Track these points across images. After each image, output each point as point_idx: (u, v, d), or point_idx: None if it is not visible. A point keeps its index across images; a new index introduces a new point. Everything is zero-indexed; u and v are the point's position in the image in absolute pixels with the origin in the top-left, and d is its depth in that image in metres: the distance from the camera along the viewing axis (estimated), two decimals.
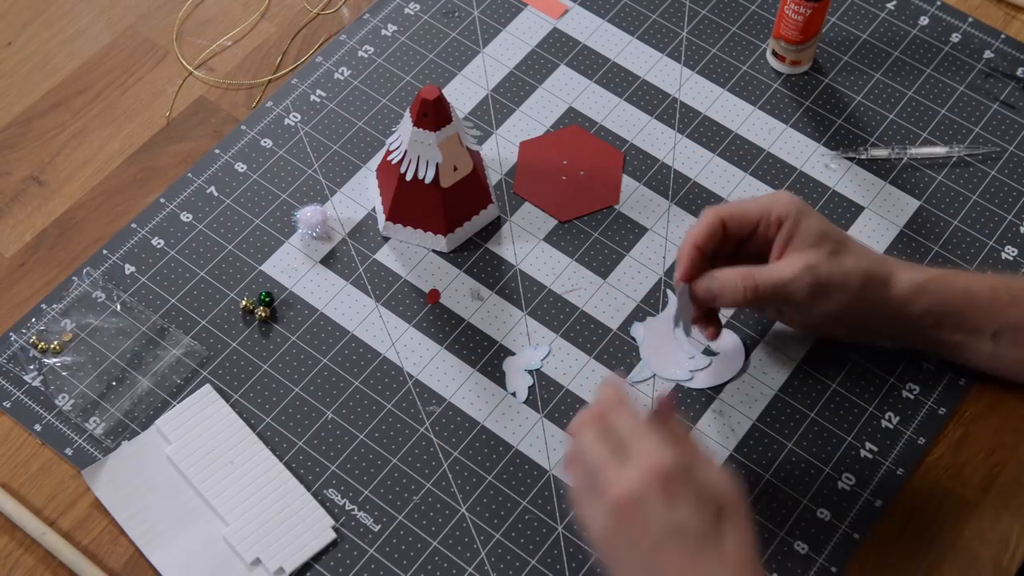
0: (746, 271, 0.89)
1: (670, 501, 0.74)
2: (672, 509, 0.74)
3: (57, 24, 1.16)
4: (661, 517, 0.74)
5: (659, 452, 0.75)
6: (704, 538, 0.74)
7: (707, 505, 0.75)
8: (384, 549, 0.92)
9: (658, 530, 0.74)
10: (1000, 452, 0.96)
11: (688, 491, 0.74)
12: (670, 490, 0.74)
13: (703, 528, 0.74)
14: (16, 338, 0.99)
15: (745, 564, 0.75)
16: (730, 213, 0.90)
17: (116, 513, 0.92)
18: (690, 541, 0.74)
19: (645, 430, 0.77)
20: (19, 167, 1.08)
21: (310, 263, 1.03)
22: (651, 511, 0.74)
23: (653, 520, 0.74)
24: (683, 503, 0.74)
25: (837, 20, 1.16)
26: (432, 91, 0.94)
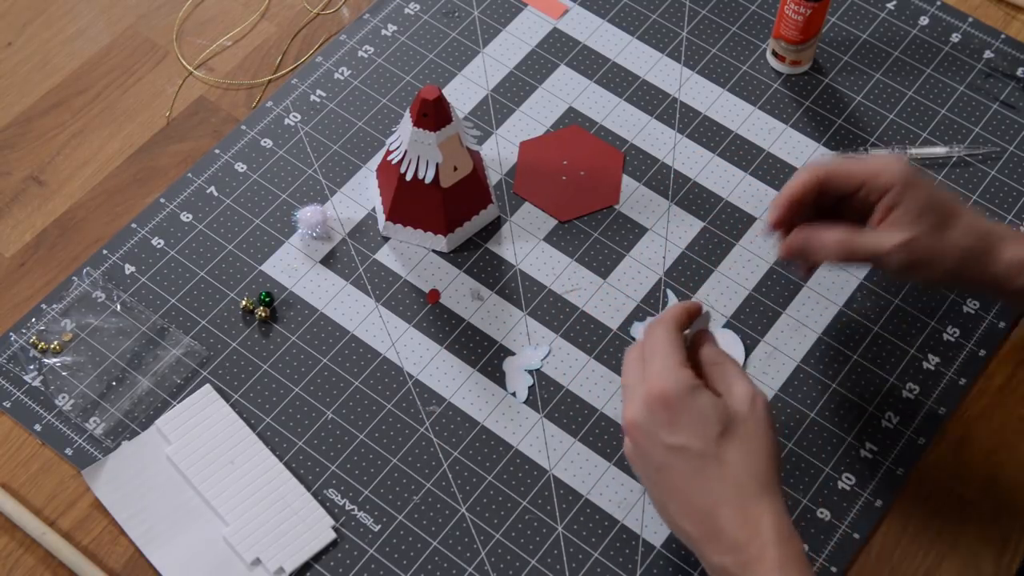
0: (844, 238, 0.88)
1: (670, 423, 0.79)
2: (672, 431, 0.79)
3: (57, 24, 1.16)
4: (662, 437, 0.79)
5: (664, 376, 0.80)
6: (703, 457, 0.78)
7: (707, 426, 0.79)
8: (384, 549, 0.92)
9: (660, 448, 0.79)
10: (1000, 452, 0.96)
11: (688, 414, 0.79)
12: (671, 412, 0.79)
13: (703, 448, 0.78)
14: (16, 338, 0.99)
15: (750, 477, 0.78)
16: (833, 173, 0.90)
17: (116, 513, 0.92)
18: (691, 459, 0.78)
19: (663, 352, 0.82)
20: (19, 167, 1.08)
21: (310, 263, 1.03)
22: (653, 432, 0.80)
23: (655, 440, 0.80)
24: (683, 425, 0.79)
25: (837, 20, 1.16)
26: (432, 91, 0.94)
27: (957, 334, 1.00)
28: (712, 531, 0.78)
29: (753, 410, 0.80)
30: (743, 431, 0.80)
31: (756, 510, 0.77)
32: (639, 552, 0.91)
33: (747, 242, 1.04)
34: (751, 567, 0.76)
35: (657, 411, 0.80)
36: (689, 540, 0.80)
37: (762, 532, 0.77)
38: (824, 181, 0.89)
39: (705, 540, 0.78)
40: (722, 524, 0.77)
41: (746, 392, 0.81)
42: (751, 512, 0.77)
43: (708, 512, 0.78)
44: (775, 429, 0.81)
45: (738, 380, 0.82)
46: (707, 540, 0.78)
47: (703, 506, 0.78)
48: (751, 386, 0.81)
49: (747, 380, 0.82)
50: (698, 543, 0.79)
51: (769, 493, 0.78)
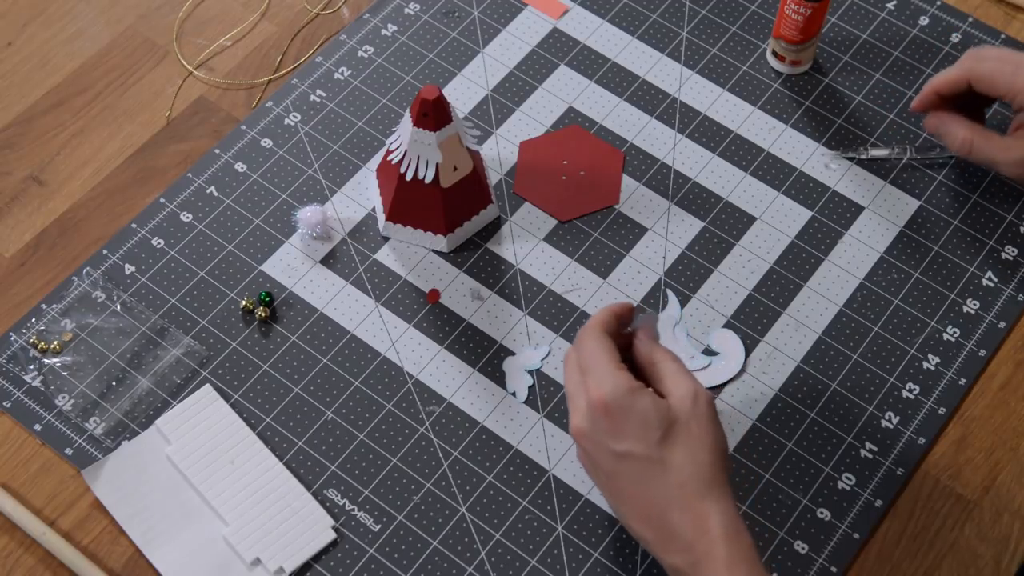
0: (969, 135, 0.99)
1: (613, 431, 0.80)
2: (616, 438, 0.79)
3: (57, 24, 1.16)
4: (608, 444, 0.80)
5: (602, 383, 0.80)
6: (648, 461, 0.79)
7: (649, 430, 0.79)
8: (384, 549, 0.92)
9: (609, 458, 0.80)
10: (1000, 452, 0.96)
11: (630, 420, 0.79)
12: (613, 420, 0.80)
13: (646, 452, 0.79)
14: (16, 338, 0.99)
15: (695, 477, 0.78)
16: (979, 77, 0.98)
17: (116, 513, 0.92)
18: (637, 464, 0.79)
19: (597, 359, 0.82)
20: (19, 167, 1.08)
21: (310, 263, 1.03)
22: (600, 441, 0.80)
23: (602, 448, 0.80)
24: (626, 432, 0.79)
25: (837, 20, 1.16)
26: (432, 91, 0.94)
27: (957, 334, 1.00)
28: (664, 533, 0.79)
29: (695, 407, 0.80)
30: (685, 431, 0.80)
31: (703, 509, 0.78)
32: (639, 552, 0.91)
33: (747, 242, 1.04)
34: (701, 566, 0.77)
35: (599, 419, 0.80)
36: (644, 543, 0.81)
37: (710, 530, 0.77)
38: (973, 82, 0.98)
39: (658, 542, 0.79)
40: (672, 526, 0.78)
41: (687, 390, 0.81)
42: (698, 511, 0.78)
43: (658, 515, 0.79)
44: (719, 425, 0.81)
45: (678, 378, 0.82)
46: (660, 542, 0.79)
47: (652, 510, 0.79)
48: (692, 383, 0.81)
49: (688, 377, 0.82)
50: (652, 545, 0.80)
51: (715, 491, 0.79)
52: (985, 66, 0.99)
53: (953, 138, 1.01)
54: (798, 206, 1.06)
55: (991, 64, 0.98)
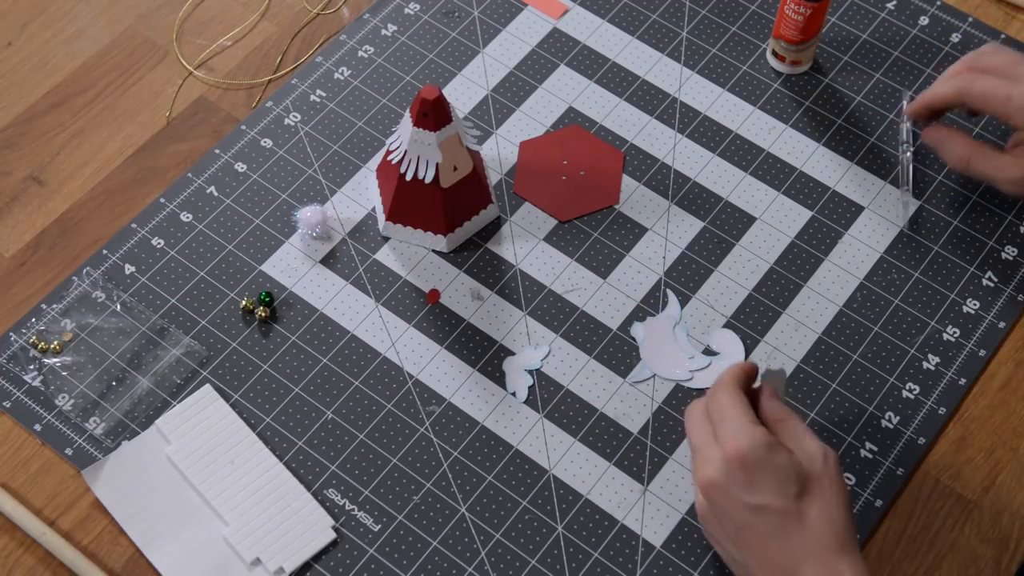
0: (967, 152, 0.99)
1: (749, 483, 0.80)
2: (751, 491, 0.79)
3: (57, 24, 1.16)
4: (742, 497, 0.80)
5: (739, 436, 0.81)
6: (784, 516, 0.79)
7: (786, 485, 0.80)
8: (384, 549, 0.92)
9: (741, 510, 0.80)
10: (1000, 452, 0.96)
11: (767, 473, 0.79)
12: (749, 473, 0.80)
13: (783, 507, 0.79)
14: (16, 338, 0.99)
15: (830, 533, 0.79)
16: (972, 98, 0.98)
17: (116, 513, 0.92)
18: (771, 519, 0.79)
19: (733, 413, 0.82)
20: (19, 167, 1.08)
21: (310, 263, 1.03)
22: (733, 493, 0.80)
23: (735, 500, 0.80)
24: (762, 485, 0.79)
25: (837, 20, 1.16)
26: (432, 91, 0.94)
27: (957, 334, 1.00)
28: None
29: (826, 466, 0.81)
30: (819, 488, 0.80)
31: (838, 566, 0.78)
32: (639, 552, 0.91)
33: (747, 242, 1.04)
34: None
35: (735, 471, 0.80)
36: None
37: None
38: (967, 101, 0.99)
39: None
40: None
41: (817, 449, 0.82)
42: (834, 567, 0.78)
43: (790, 569, 0.79)
44: (846, 486, 0.82)
45: (807, 437, 0.83)
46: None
47: (785, 563, 0.79)
48: (820, 442, 0.82)
49: (815, 436, 0.83)
50: None
51: (849, 549, 0.79)
52: (978, 87, 0.97)
53: (951, 154, 1.00)
54: (798, 206, 1.06)
55: (985, 84, 0.97)
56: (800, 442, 0.82)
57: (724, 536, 0.83)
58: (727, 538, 0.82)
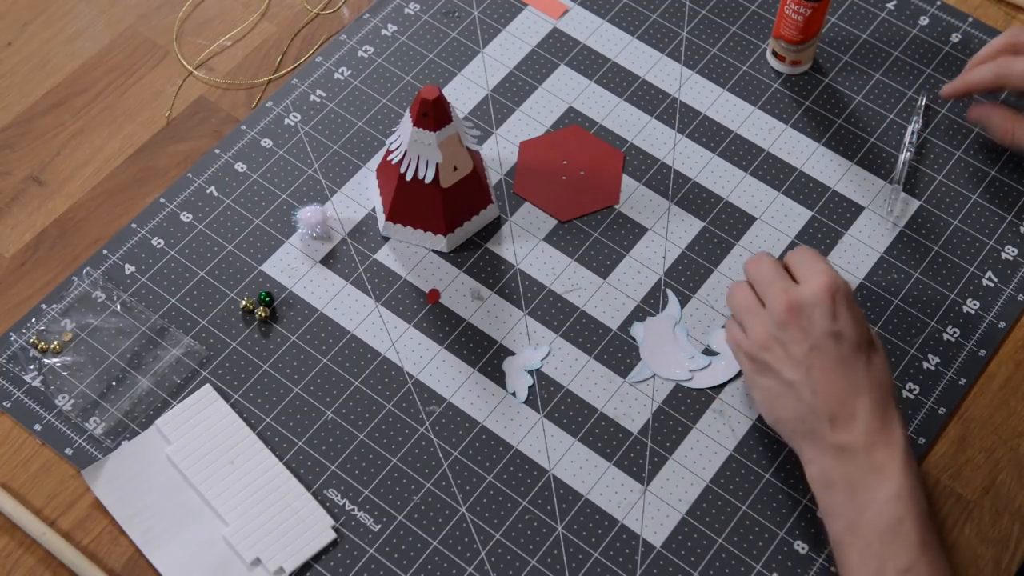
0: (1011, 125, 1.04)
1: (835, 311, 0.86)
2: (835, 318, 0.86)
3: (57, 24, 1.16)
4: (824, 322, 0.86)
5: (831, 273, 0.88)
6: (856, 348, 0.86)
7: (863, 325, 0.87)
8: (384, 549, 0.92)
9: (819, 333, 0.86)
10: (1000, 452, 0.96)
11: (851, 308, 0.87)
12: (837, 302, 0.86)
13: (857, 340, 0.86)
14: (16, 338, 0.99)
15: (887, 384, 0.87)
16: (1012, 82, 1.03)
17: (116, 513, 0.92)
18: (844, 347, 0.86)
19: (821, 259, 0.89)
20: (19, 167, 1.08)
21: (310, 263, 1.03)
22: (816, 316, 0.86)
23: (816, 324, 0.86)
24: (845, 316, 0.86)
25: (837, 20, 1.16)
26: (432, 91, 0.94)
27: (957, 334, 1.00)
28: (847, 413, 0.84)
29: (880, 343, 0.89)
30: (880, 349, 0.88)
31: (892, 408, 0.86)
32: (639, 552, 0.91)
33: (747, 242, 1.04)
34: (878, 447, 0.83)
35: (824, 299, 0.86)
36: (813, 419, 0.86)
37: (895, 424, 0.84)
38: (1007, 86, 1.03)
39: (836, 420, 0.85)
40: (860, 408, 0.84)
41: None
42: (888, 406, 0.85)
43: (848, 396, 0.85)
44: None
45: None
46: (839, 420, 0.85)
47: (845, 390, 0.85)
48: None
49: None
50: (824, 422, 0.85)
51: (899, 409, 0.86)
52: (1017, 68, 1.02)
53: (997, 129, 1.05)
54: (798, 206, 1.06)
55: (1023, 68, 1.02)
56: None
57: (788, 361, 0.87)
58: (792, 362, 0.87)
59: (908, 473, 0.83)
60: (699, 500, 0.93)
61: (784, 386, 0.88)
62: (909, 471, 0.83)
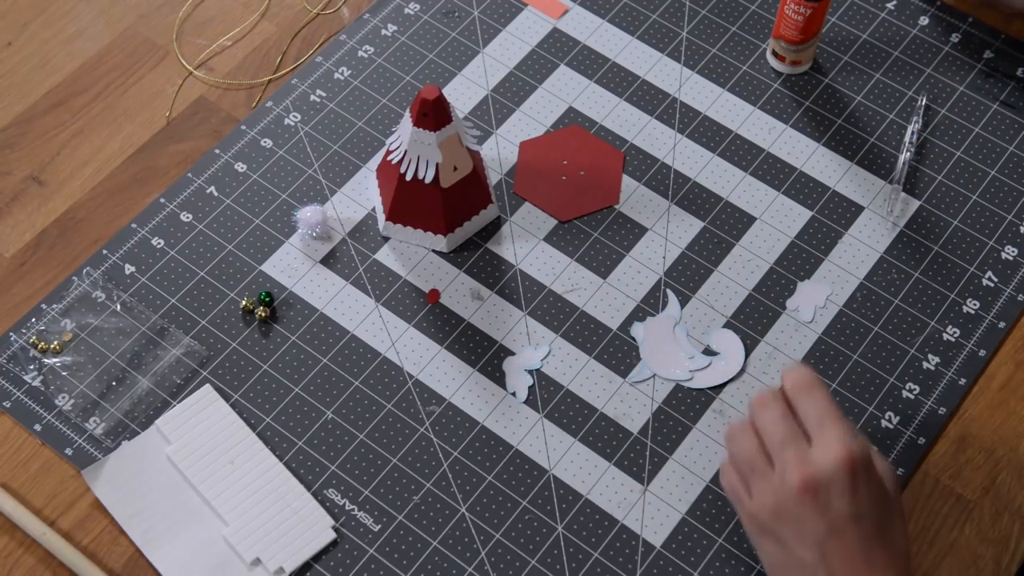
0: None
1: (854, 490, 0.77)
2: (856, 498, 0.77)
3: (57, 24, 1.16)
4: (844, 504, 0.77)
5: (850, 440, 0.77)
6: (879, 529, 0.77)
7: (883, 499, 0.78)
8: (384, 549, 0.92)
9: (838, 516, 0.77)
10: (1000, 452, 0.96)
11: (870, 483, 0.77)
12: (856, 479, 0.77)
13: (879, 520, 0.77)
14: (16, 338, 0.99)
15: (905, 557, 0.78)
16: None
17: (116, 513, 0.92)
18: (867, 530, 0.77)
19: (837, 417, 0.79)
20: (19, 167, 1.08)
21: (310, 263, 1.03)
22: (834, 496, 0.77)
23: (834, 505, 0.77)
24: (865, 494, 0.77)
25: (837, 20, 1.16)
26: (432, 91, 0.94)
27: (957, 334, 1.00)
28: None
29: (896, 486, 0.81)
30: (899, 508, 0.80)
31: None
32: (639, 552, 0.91)
33: (747, 242, 1.04)
34: None
35: (844, 477, 0.77)
36: None
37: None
38: None
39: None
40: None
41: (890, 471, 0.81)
42: None
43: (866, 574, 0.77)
44: None
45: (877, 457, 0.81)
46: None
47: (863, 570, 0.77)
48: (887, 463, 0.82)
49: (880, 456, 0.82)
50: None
51: None
52: None
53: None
54: (798, 206, 1.06)
55: None
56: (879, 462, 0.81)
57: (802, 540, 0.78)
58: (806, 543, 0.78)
59: None
60: (699, 500, 0.93)
61: (795, 562, 0.79)
62: None
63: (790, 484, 0.78)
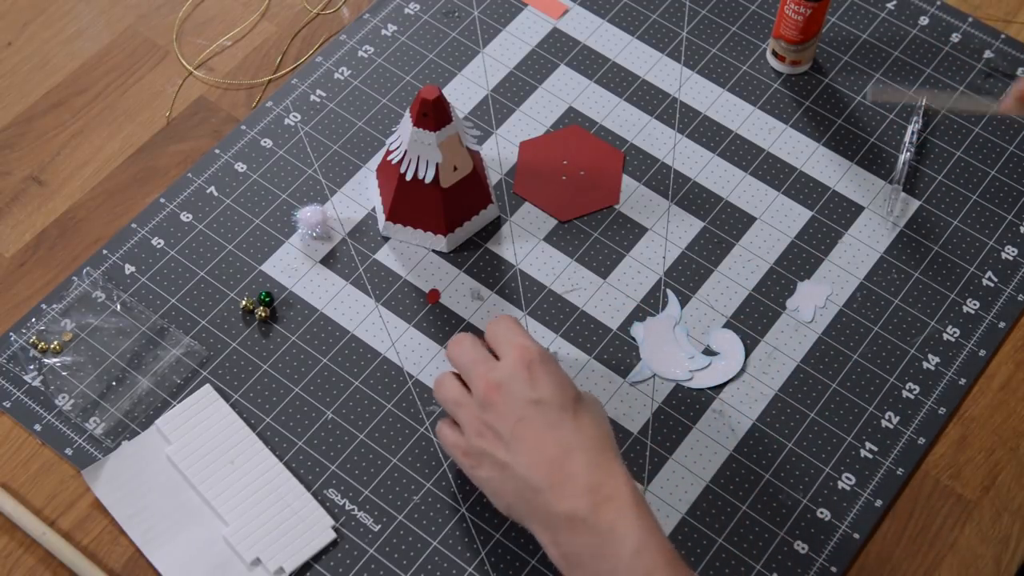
0: None
1: (533, 379, 0.84)
2: (534, 386, 0.83)
3: (57, 24, 1.16)
4: (524, 392, 0.83)
5: (525, 342, 0.85)
6: (561, 410, 0.83)
7: (566, 387, 0.84)
8: (384, 549, 0.92)
9: (521, 403, 0.83)
10: (1000, 452, 0.96)
11: (549, 373, 0.84)
12: (533, 371, 0.84)
13: (561, 402, 0.83)
14: (16, 338, 0.99)
15: (603, 437, 0.83)
16: None
17: (116, 513, 0.92)
18: (549, 411, 0.83)
19: (513, 330, 0.87)
20: (19, 167, 1.08)
21: (310, 263, 1.03)
22: (515, 389, 0.84)
23: (517, 396, 0.83)
24: (544, 382, 0.84)
25: (837, 20, 1.16)
26: (432, 91, 0.94)
27: (957, 334, 1.00)
28: (563, 477, 0.80)
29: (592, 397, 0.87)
30: (591, 405, 0.85)
31: (610, 460, 0.81)
32: None
33: (747, 242, 1.04)
34: (604, 506, 0.79)
35: (520, 371, 0.84)
36: (534, 495, 0.81)
37: (615, 475, 0.80)
38: None
39: (554, 487, 0.80)
40: (575, 469, 0.80)
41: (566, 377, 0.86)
42: (605, 459, 0.81)
43: (561, 460, 0.81)
44: None
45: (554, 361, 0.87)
46: (557, 487, 0.80)
47: (556, 454, 0.81)
48: None
49: None
50: (544, 493, 0.81)
51: (619, 458, 0.82)
52: None
53: None
54: (798, 206, 1.06)
55: None
56: None
57: (498, 442, 0.83)
58: (501, 442, 0.83)
59: (642, 524, 0.78)
60: (699, 500, 0.93)
61: (500, 469, 0.83)
62: (642, 522, 0.78)
63: (480, 394, 0.85)
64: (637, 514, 0.78)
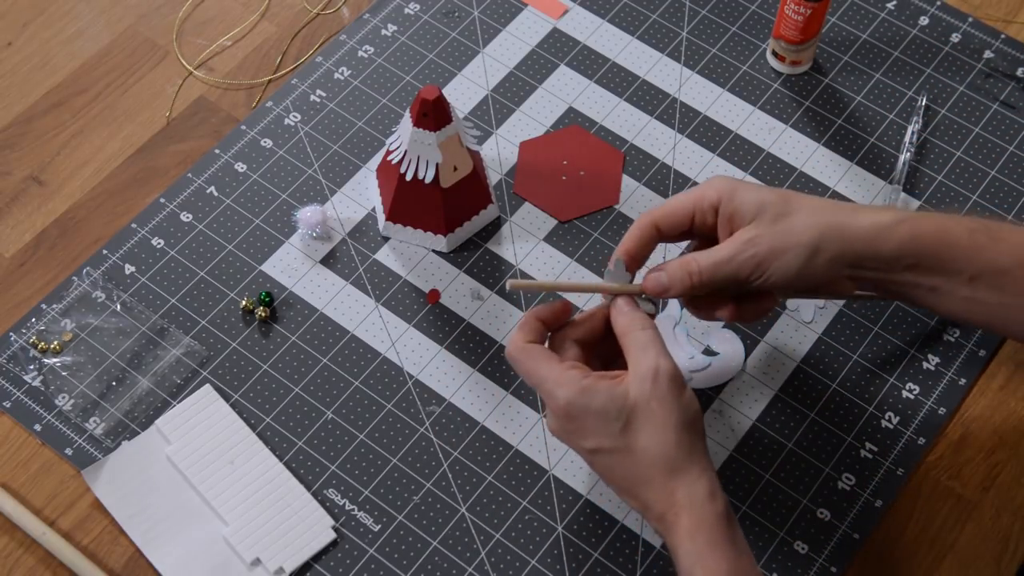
0: (686, 258, 0.85)
1: (579, 432, 0.83)
2: (582, 437, 0.83)
3: (57, 24, 1.16)
4: (579, 444, 0.84)
5: (554, 393, 0.83)
6: (613, 453, 0.82)
7: (609, 424, 0.81)
8: (384, 549, 0.92)
9: (583, 452, 0.84)
10: (1000, 452, 0.96)
11: (589, 419, 0.82)
12: (576, 422, 0.83)
13: (612, 445, 0.82)
14: (16, 338, 0.99)
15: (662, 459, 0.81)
16: (662, 214, 0.87)
17: (116, 513, 0.92)
18: (604, 458, 0.83)
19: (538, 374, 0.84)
20: (19, 167, 1.08)
21: (310, 263, 1.03)
22: (571, 440, 0.84)
23: (576, 446, 0.85)
24: (588, 431, 0.82)
25: (837, 20, 1.16)
26: (432, 91, 0.94)
27: (957, 334, 1.00)
28: (640, 504, 0.83)
29: (655, 388, 0.81)
30: (647, 414, 0.81)
31: (670, 486, 0.80)
32: (639, 552, 0.91)
33: None
34: (668, 534, 0.81)
35: (565, 423, 0.83)
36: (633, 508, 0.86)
37: (676, 503, 0.80)
38: (658, 225, 0.87)
39: (640, 511, 0.83)
40: (645, 499, 0.82)
41: (647, 369, 0.81)
42: (666, 488, 0.81)
43: (633, 492, 0.82)
44: (683, 397, 0.81)
45: (641, 354, 0.82)
46: (641, 511, 0.83)
47: (628, 489, 0.83)
48: (653, 359, 0.81)
49: (650, 352, 0.82)
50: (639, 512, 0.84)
51: (682, 465, 0.81)
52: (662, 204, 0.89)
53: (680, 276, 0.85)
54: None
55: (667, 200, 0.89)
56: (634, 360, 0.82)
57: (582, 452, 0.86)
58: None
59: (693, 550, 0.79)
60: None
61: None
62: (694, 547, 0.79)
63: None
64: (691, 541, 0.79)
